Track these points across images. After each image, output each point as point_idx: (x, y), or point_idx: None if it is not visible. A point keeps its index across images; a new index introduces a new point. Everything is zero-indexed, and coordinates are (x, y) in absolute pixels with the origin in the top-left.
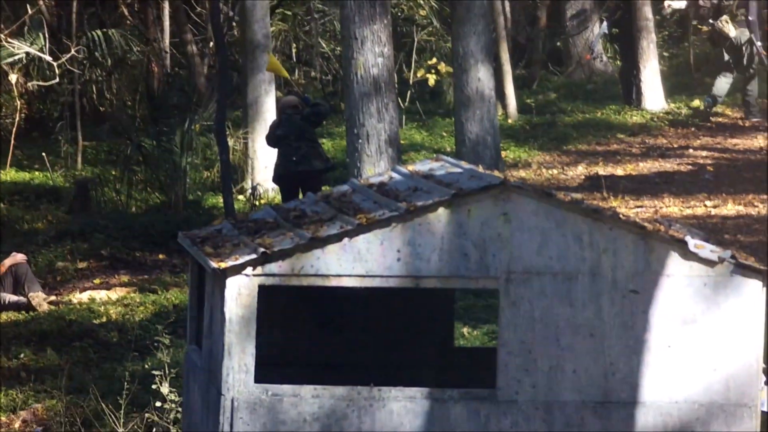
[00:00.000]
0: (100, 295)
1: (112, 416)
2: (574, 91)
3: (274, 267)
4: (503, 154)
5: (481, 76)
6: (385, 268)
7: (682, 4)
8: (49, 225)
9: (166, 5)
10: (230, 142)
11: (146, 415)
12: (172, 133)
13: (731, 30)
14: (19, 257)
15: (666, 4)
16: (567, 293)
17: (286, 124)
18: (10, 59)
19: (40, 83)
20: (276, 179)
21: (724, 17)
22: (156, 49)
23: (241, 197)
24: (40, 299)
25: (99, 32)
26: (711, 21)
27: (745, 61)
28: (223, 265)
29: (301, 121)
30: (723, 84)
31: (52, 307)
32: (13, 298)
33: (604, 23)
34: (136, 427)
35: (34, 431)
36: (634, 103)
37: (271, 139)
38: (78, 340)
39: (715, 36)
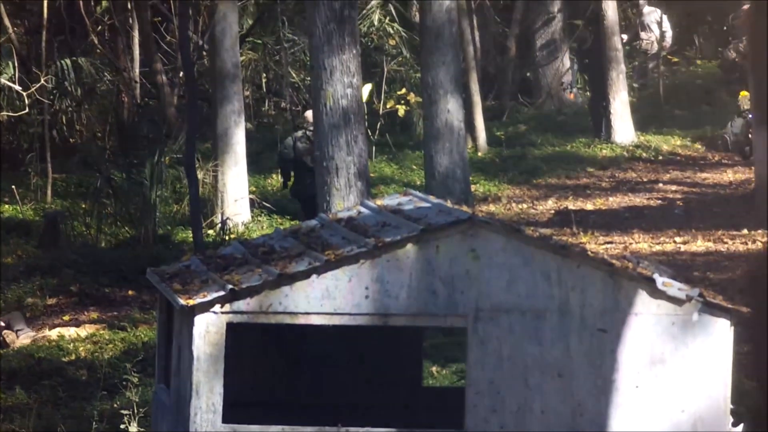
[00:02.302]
0: (70, 332)
1: None
2: (544, 123)
3: (242, 304)
4: (473, 187)
5: (451, 108)
6: (354, 305)
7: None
8: (19, 260)
9: (136, 34)
10: (200, 174)
11: None
12: (142, 166)
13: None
14: None
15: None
16: (535, 331)
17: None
18: None
19: (10, 114)
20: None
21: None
22: (126, 79)
23: (211, 231)
24: (13, 336)
25: (68, 61)
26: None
27: None
28: (191, 302)
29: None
30: None
31: (25, 342)
32: None
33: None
34: None
35: None
36: (603, 135)
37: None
38: (47, 378)
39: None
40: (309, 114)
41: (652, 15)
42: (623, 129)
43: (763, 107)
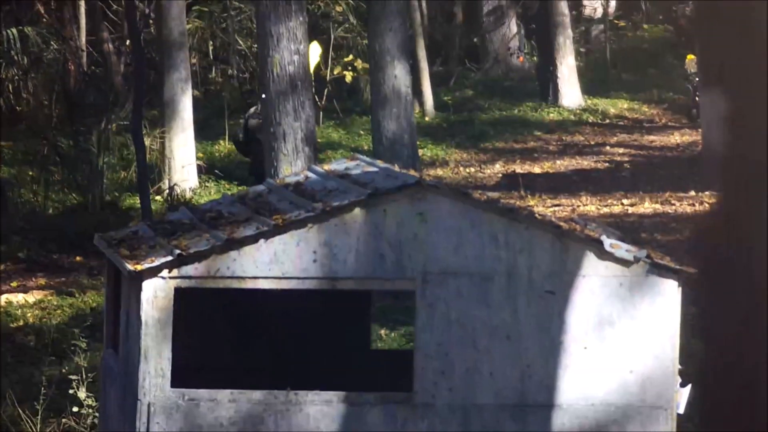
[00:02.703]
0: (17, 298)
1: (29, 421)
2: (492, 88)
3: (190, 269)
4: (420, 152)
5: (398, 74)
6: (302, 269)
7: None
8: None
9: (82, 3)
10: (147, 141)
11: (63, 420)
12: (89, 133)
13: None
14: None
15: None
16: (483, 294)
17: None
18: None
19: None
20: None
21: None
22: (72, 48)
23: (158, 198)
24: None
25: (14, 30)
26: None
27: None
28: (138, 267)
29: None
30: None
31: None
32: None
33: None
34: None
35: None
36: (551, 99)
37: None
38: None
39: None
40: None
41: None
42: (570, 93)
43: (710, 70)
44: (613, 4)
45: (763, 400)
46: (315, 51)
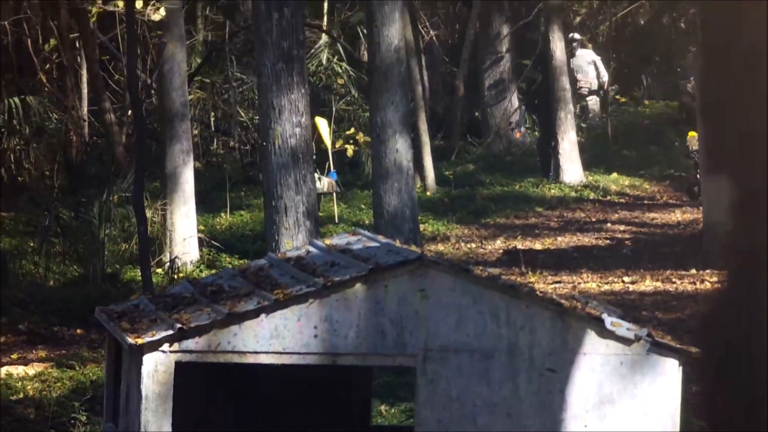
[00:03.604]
0: (18, 370)
1: None
2: (493, 163)
3: (191, 343)
4: (422, 227)
5: (399, 147)
6: (303, 345)
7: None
8: None
9: (84, 73)
10: (149, 213)
11: None
12: (90, 204)
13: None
14: None
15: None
16: (484, 372)
17: None
18: None
19: None
20: None
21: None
22: (74, 117)
23: (159, 270)
24: None
25: (17, 99)
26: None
27: None
28: (139, 341)
29: None
30: None
31: None
32: None
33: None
34: None
35: None
36: (552, 175)
37: None
38: None
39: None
40: None
41: (584, 57)
42: (571, 169)
43: (713, 155)
44: (604, 77)
45: None
46: (324, 127)
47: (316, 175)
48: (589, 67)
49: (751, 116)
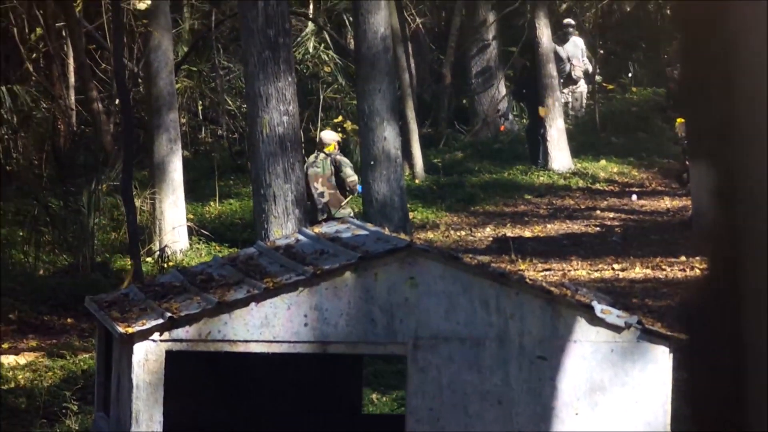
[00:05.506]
0: (9, 359)
1: None
2: (481, 150)
3: (181, 332)
4: (411, 215)
5: (387, 135)
6: (293, 333)
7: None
8: None
9: (71, 62)
10: (137, 202)
11: None
12: (79, 193)
13: None
14: None
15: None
16: (475, 359)
17: None
18: None
19: None
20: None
21: None
22: (62, 107)
23: (149, 259)
24: None
25: (4, 89)
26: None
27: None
28: (130, 330)
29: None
30: None
31: None
32: None
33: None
34: None
35: None
36: (540, 162)
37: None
38: None
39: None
40: (323, 134)
41: (577, 44)
42: (560, 156)
43: (699, 139)
44: (588, 64)
45: None
46: (332, 136)
47: (348, 208)
48: (581, 53)
49: (730, 101)
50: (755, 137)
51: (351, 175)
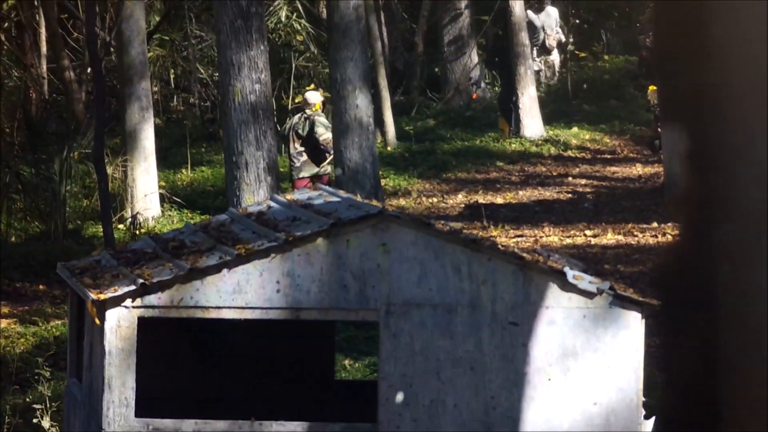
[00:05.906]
0: None
1: None
2: (453, 118)
3: (153, 299)
4: (383, 182)
5: (359, 103)
6: (265, 300)
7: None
8: None
9: (43, 31)
10: (109, 170)
11: None
12: (50, 161)
13: None
14: None
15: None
16: (447, 326)
17: None
18: None
19: None
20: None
21: None
22: (33, 75)
23: (121, 226)
24: None
25: None
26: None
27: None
28: (102, 296)
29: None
30: None
31: None
32: None
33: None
34: None
35: None
36: (512, 130)
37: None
38: None
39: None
40: (308, 95)
41: (551, 15)
42: (532, 124)
43: (671, 106)
44: (559, 33)
45: None
46: (317, 97)
47: (330, 167)
48: (555, 23)
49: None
50: (727, 104)
51: (323, 134)
